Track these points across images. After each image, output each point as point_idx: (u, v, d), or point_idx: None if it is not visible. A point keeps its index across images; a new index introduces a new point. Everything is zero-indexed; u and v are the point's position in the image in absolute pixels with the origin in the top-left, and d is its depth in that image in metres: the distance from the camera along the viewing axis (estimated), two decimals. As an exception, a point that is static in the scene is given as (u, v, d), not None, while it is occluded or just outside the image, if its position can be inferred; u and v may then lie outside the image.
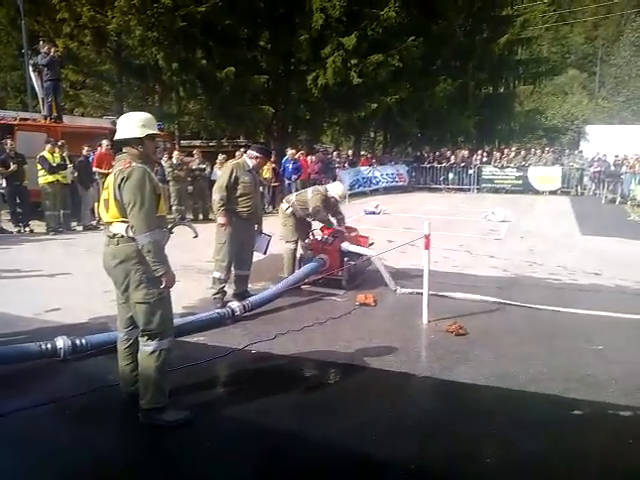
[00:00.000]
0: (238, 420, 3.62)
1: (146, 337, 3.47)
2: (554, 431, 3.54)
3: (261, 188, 14.65)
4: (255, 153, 6.12)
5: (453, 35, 24.05)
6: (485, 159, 22.17)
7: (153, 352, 3.46)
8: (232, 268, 6.14)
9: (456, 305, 6.12)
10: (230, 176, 5.87)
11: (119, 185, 3.33)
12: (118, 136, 3.53)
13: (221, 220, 5.88)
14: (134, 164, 3.37)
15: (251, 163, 6.09)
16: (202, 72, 17.83)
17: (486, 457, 3.21)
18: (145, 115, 3.60)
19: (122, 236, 3.39)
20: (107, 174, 11.69)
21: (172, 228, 3.66)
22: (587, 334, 5.30)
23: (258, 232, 6.39)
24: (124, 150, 3.51)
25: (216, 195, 5.90)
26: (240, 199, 5.96)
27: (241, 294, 6.22)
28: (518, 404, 3.91)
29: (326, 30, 19.11)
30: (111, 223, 3.46)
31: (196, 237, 3.92)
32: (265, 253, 6.64)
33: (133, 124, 3.50)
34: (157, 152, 11.17)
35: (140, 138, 3.47)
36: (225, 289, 6.16)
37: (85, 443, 3.34)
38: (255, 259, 6.69)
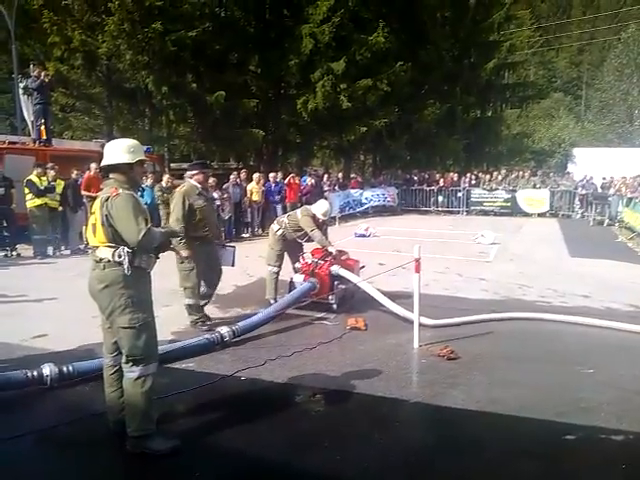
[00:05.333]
0: (227, 449, 3.56)
1: (130, 363, 3.43)
2: (547, 457, 3.50)
3: (249, 210, 14.81)
4: (193, 171, 6.18)
5: (441, 60, 24.44)
6: (474, 182, 22.35)
7: (138, 378, 3.42)
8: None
9: (447, 329, 6.09)
10: (183, 205, 5.86)
11: (108, 213, 3.36)
12: (106, 162, 3.55)
13: (184, 253, 5.81)
14: (121, 191, 3.40)
15: (197, 183, 6.11)
16: (192, 96, 17.92)
17: (479, 485, 3.17)
18: (133, 141, 3.65)
19: (108, 261, 3.40)
20: (96, 197, 11.66)
21: (158, 253, 3.64)
22: (578, 357, 5.29)
23: (221, 246, 6.43)
24: (111, 176, 3.54)
25: (175, 228, 5.87)
26: (200, 224, 6.00)
27: (200, 319, 6.27)
28: (510, 430, 3.88)
29: (315, 55, 19.35)
30: (97, 247, 3.46)
31: (182, 263, 3.90)
32: (233, 265, 6.62)
33: (122, 150, 3.53)
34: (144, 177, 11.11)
35: (131, 164, 3.52)
36: (205, 312, 6.24)
37: (71, 473, 3.28)
38: (246, 283, 6.68)
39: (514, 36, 30.05)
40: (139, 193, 3.66)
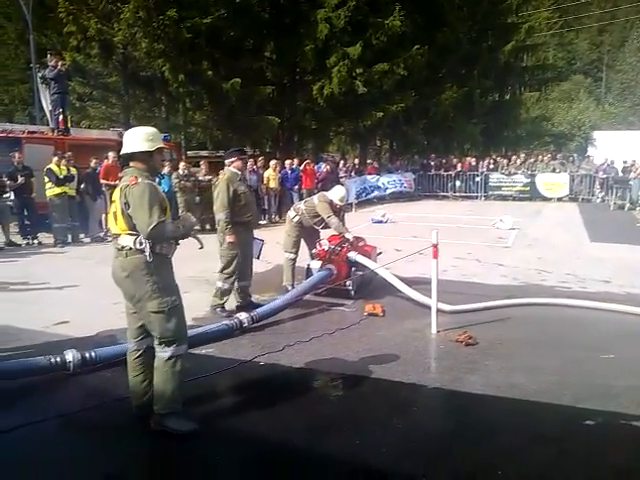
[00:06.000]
0: (247, 433, 3.59)
1: (163, 344, 3.52)
2: (566, 442, 3.50)
3: (266, 197, 14.84)
4: (232, 158, 6.17)
5: (458, 43, 24.08)
6: (492, 166, 22.12)
7: (170, 358, 3.52)
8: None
9: (465, 315, 6.07)
10: (228, 191, 5.91)
11: (126, 201, 3.41)
12: (126, 150, 3.58)
13: (231, 239, 5.92)
14: (140, 179, 3.44)
15: (237, 170, 6.13)
16: (208, 83, 17.91)
17: (498, 470, 3.17)
18: (152, 129, 3.68)
19: (130, 248, 3.45)
20: (114, 186, 11.75)
21: (178, 240, 3.66)
22: (598, 343, 5.25)
23: (251, 237, 6.43)
24: (131, 164, 3.58)
25: (220, 214, 5.93)
26: (244, 209, 6.06)
27: (247, 305, 6.24)
28: (529, 415, 3.86)
29: (331, 40, 19.18)
30: (119, 235, 3.51)
31: (201, 248, 3.93)
32: (258, 258, 6.63)
33: (141, 138, 3.56)
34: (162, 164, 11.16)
35: (150, 152, 3.55)
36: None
37: (94, 457, 3.33)
38: (263, 270, 6.71)
39: (532, 18, 29.61)
40: (157, 181, 3.69)
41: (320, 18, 18.74)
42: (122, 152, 3.62)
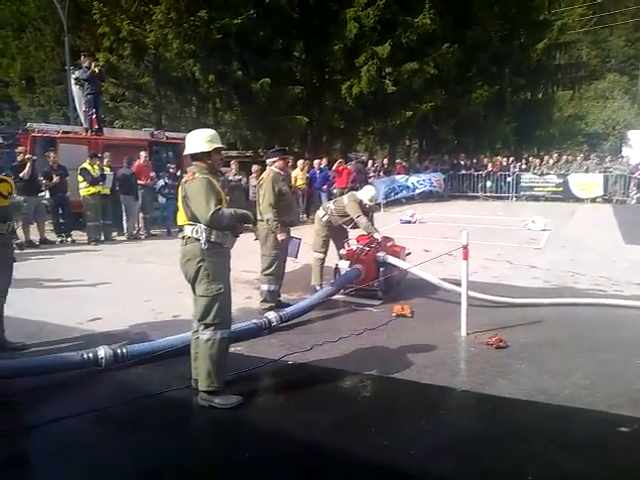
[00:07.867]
0: (274, 432, 3.61)
1: (203, 326, 3.88)
2: (598, 449, 3.43)
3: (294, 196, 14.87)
4: (274, 158, 6.24)
5: (489, 41, 23.70)
6: (524, 166, 21.76)
7: (208, 340, 3.85)
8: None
9: (496, 317, 6.00)
10: (274, 191, 5.96)
11: (185, 195, 3.85)
12: (188, 151, 3.95)
13: (282, 236, 5.98)
14: (197, 174, 3.81)
15: (279, 170, 6.20)
16: (238, 83, 18.02)
17: (528, 475, 3.11)
18: (210, 131, 4.05)
19: (189, 237, 3.87)
20: (145, 185, 11.95)
21: (235, 233, 3.97)
22: (633, 347, 5.11)
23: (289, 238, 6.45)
24: (193, 163, 3.95)
25: (269, 214, 5.94)
26: (287, 208, 6.14)
27: (276, 305, 6.25)
28: (560, 420, 3.79)
29: (360, 39, 19.10)
30: (183, 226, 3.95)
31: (256, 239, 4.54)
32: (297, 257, 6.63)
33: (201, 140, 3.91)
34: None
35: (208, 152, 3.90)
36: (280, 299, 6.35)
37: (124, 453, 3.38)
38: (290, 269, 6.71)
39: (565, 15, 28.94)
40: None
41: (349, 17, 18.69)
42: (185, 153, 4.03)
